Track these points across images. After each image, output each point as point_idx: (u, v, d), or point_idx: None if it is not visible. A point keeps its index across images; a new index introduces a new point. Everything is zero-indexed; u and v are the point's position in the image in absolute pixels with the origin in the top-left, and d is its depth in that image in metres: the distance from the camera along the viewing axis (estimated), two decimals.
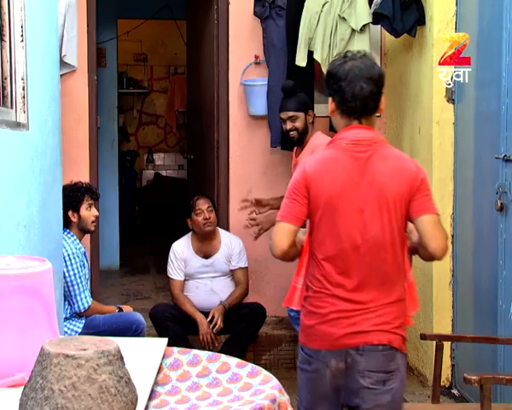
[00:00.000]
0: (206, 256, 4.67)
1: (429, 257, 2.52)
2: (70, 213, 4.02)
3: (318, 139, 4.21)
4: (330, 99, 2.57)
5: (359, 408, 2.45)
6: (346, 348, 2.41)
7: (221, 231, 4.77)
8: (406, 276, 2.54)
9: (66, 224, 3.94)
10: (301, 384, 2.58)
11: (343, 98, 2.50)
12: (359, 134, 2.50)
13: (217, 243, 4.70)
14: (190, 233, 4.74)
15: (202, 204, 4.60)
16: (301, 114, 4.27)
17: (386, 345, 2.41)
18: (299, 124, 4.26)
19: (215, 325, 4.51)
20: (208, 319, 4.52)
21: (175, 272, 4.66)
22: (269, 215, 4.41)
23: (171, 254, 4.69)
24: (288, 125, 4.26)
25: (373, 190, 2.44)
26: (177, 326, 4.48)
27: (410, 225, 2.53)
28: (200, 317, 4.54)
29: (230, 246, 4.70)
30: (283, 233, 2.48)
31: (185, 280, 4.69)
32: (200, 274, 4.66)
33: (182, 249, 4.68)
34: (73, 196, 4.05)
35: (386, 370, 2.42)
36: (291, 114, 4.26)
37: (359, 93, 2.48)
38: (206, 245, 4.68)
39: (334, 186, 2.46)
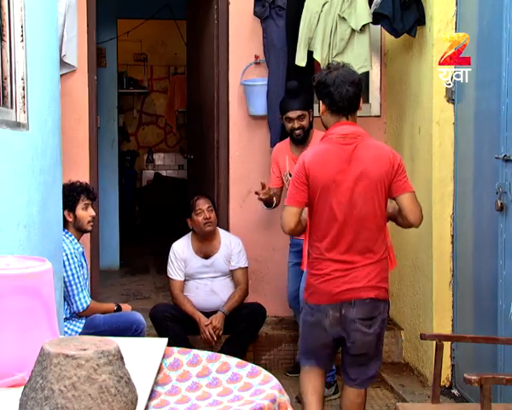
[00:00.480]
0: (206, 256, 4.67)
1: (408, 226, 3.22)
2: (66, 212, 4.00)
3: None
4: (321, 102, 3.20)
5: (350, 348, 3.19)
6: (341, 302, 3.11)
7: (221, 231, 4.77)
8: (386, 240, 3.20)
9: (64, 224, 3.95)
10: (304, 333, 3.30)
11: (332, 100, 3.12)
12: (346, 129, 3.14)
13: (216, 243, 4.70)
14: (190, 233, 4.74)
15: (202, 204, 4.60)
16: (307, 113, 4.37)
17: (373, 298, 3.12)
18: (305, 122, 4.36)
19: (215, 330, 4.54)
20: (207, 323, 4.53)
21: (175, 272, 4.66)
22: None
23: (171, 254, 4.70)
24: (296, 124, 4.32)
25: (358, 174, 3.08)
26: (177, 326, 4.48)
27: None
28: (199, 315, 4.55)
29: (230, 246, 4.70)
30: (290, 215, 3.15)
31: (185, 280, 4.69)
32: (200, 274, 4.66)
33: (182, 249, 4.68)
34: (70, 195, 4.03)
35: (371, 316, 3.14)
36: (299, 112, 4.33)
37: (346, 95, 3.10)
38: (205, 245, 4.68)
39: (328, 173, 3.09)
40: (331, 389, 4.35)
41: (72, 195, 4.05)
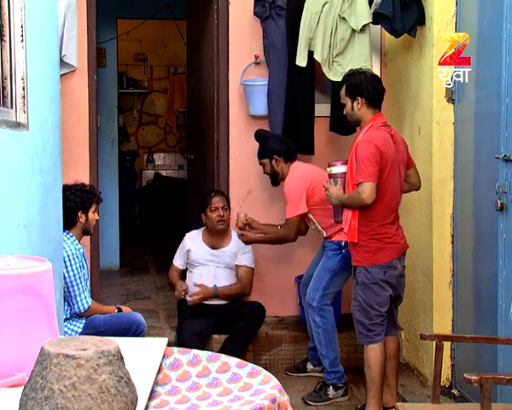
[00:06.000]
0: (214, 248, 4.78)
1: (413, 189, 4.03)
2: (80, 213, 4.03)
3: (291, 173, 4.48)
4: (357, 99, 3.72)
5: (400, 295, 3.84)
6: (403, 253, 3.76)
7: (233, 230, 4.83)
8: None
9: (70, 224, 3.95)
10: (370, 293, 3.68)
11: (372, 95, 3.72)
12: (383, 119, 3.79)
13: (227, 239, 4.82)
14: (204, 227, 4.83)
15: (218, 202, 4.69)
16: (266, 161, 4.53)
17: (407, 248, 3.83)
18: (267, 169, 4.56)
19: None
20: (184, 287, 4.67)
21: (177, 257, 4.88)
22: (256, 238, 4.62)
23: (182, 242, 4.88)
24: (263, 170, 4.61)
25: (400, 156, 3.75)
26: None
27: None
28: (178, 282, 4.78)
29: (240, 244, 4.78)
30: (373, 189, 3.56)
31: (190, 268, 4.81)
32: (205, 261, 4.77)
33: (192, 238, 4.84)
34: (87, 197, 4.07)
35: (404, 264, 3.84)
36: (259, 161, 4.60)
37: (381, 89, 3.80)
38: (216, 240, 4.81)
39: (392, 153, 3.66)
40: (338, 392, 4.30)
41: (88, 197, 4.08)
